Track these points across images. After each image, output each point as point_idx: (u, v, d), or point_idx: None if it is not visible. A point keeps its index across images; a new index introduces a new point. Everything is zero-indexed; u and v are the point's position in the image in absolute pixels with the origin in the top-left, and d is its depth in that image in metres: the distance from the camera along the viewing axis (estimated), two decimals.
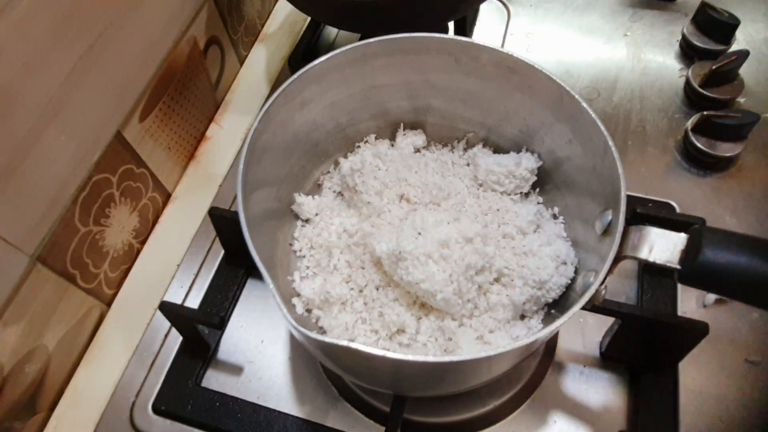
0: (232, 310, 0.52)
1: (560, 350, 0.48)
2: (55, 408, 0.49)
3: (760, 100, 0.60)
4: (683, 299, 0.49)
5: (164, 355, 0.50)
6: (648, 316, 0.42)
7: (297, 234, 0.47)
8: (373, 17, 0.54)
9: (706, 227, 0.32)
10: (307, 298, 0.43)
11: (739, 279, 0.30)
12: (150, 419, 0.47)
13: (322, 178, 0.50)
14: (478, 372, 0.37)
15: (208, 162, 0.63)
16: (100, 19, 0.46)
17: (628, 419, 0.44)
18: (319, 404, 0.47)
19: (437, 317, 0.41)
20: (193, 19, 0.58)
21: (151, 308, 0.52)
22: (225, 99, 0.68)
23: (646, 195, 0.55)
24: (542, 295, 0.41)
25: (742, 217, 0.54)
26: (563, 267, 0.41)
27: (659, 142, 0.59)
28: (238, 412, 0.46)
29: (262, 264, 0.34)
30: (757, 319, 0.48)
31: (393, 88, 0.47)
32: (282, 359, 0.49)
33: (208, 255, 0.55)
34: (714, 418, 0.44)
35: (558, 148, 0.44)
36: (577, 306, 0.31)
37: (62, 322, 0.48)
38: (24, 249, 0.43)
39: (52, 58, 0.42)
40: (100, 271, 0.52)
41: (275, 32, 0.74)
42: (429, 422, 0.45)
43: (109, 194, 0.51)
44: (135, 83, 0.52)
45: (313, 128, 0.46)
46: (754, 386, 0.45)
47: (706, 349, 0.46)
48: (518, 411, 0.45)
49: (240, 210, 0.35)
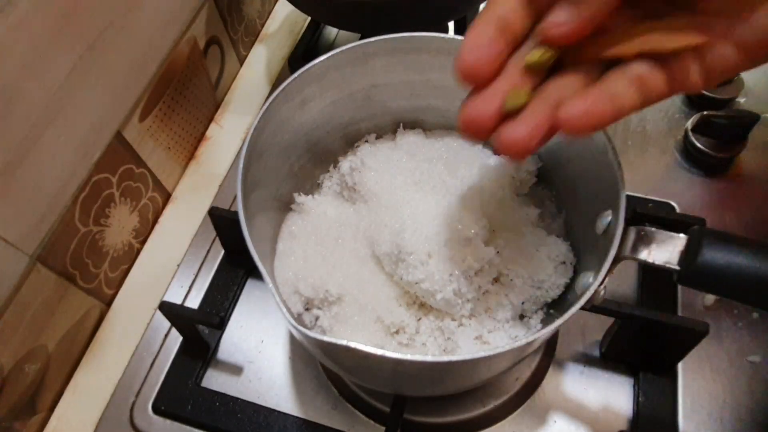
0: (232, 310, 0.52)
1: (560, 350, 0.48)
2: (55, 408, 0.49)
3: (760, 100, 0.60)
4: (683, 299, 0.49)
5: (164, 355, 0.50)
6: (648, 317, 0.42)
7: (297, 234, 0.47)
8: (373, 17, 0.54)
9: (706, 228, 0.32)
10: (306, 298, 0.43)
11: (739, 280, 0.30)
12: (150, 419, 0.47)
13: (322, 177, 0.50)
14: (478, 372, 0.37)
15: (208, 162, 0.63)
16: (100, 19, 0.46)
17: (628, 419, 0.44)
18: (319, 404, 0.47)
19: (437, 317, 0.41)
20: (193, 19, 0.58)
21: (151, 308, 0.52)
22: (225, 99, 0.68)
23: (646, 195, 0.55)
24: (541, 295, 0.41)
25: (742, 217, 0.54)
26: (562, 267, 0.41)
27: (659, 142, 0.59)
28: (238, 412, 0.46)
29: (262, 264, 0.34)
30: (757, 319, 0.48)
31: (393, 88, 0.47)
32: (282, 359, 0.49)
33: (208, 255, 0.55)
34: (714, 418, 0.44)
35: (558, 148, 0.44)
36: (576, 306, 0.31)
37: (62, 322, 0.48)
38: (24, 249, 0.43)
39: (52, 58, 0.42)
40: (100, 271, 0.52)
41: (275, 32, 0.74)
42: (429, 422, 0.45)
43: (109, 194, 0.51)
44: (135, 83, 0.52)
45: (313, 128, 0.46)
46: (754, 386, 0.45)
47: (706, 349, 0.46)
48: (518, 411, 0.45)
49: (240, 210, 0.35)
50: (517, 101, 0.26)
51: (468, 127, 0.26)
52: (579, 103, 0.25)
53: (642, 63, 0.26)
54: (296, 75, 0.41)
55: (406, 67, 0.45)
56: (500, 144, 0.26)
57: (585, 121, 0.25)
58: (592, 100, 0.25)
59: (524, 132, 0.26)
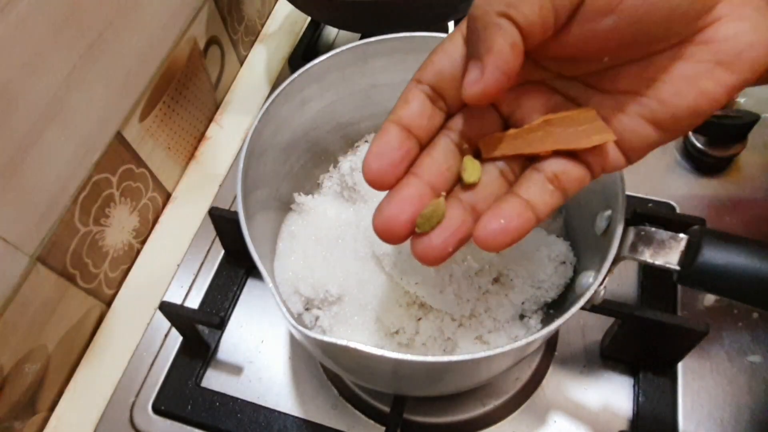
0: (232, 310, 0.52)
1: (560, 350, 0.48)
2: (55, 408, 0.49)
3: (760, 100, 0.60)
4: (683, 299, 0.49)
5: (164, 355, 0.50)
6: (648, 317, 0.42)
7: (297, 234, 0.47)
8: (373, 17, 0.54)
9: (706, 228, 0.32)
10: (306, 298, 0.43)
11: (739, 280, 0.30)
12: (150, 419, 0.47)
13: (322, 177, 0.50)
14: (478, 372, 0.37)
15: (208, 162, 0.63)
16: (100, 19, 0.46)
17: (628, 419, 0.44)
18: (319, 404, 0.47)
19: (436, 317, 0.41)
20: (193, 19, 0.58)
21: (151, 308, 0.52)
22: (225, 99, 0.68)
23: (646, 195, 0.55)
24: (541, 295, 0.41)
25: (741, 217, 0.54)
26: (562, 267, 0.41)
27: None
28: (238, 412, 0.46)
29: (262, 264, 0.34)
30: (757, 319, 0.48)
31: (393, 88, 0.47)
32: (282, 359, 0.49)
33: (208, 255, 0.55)
34: (714, 418, 0.44)
35: None
36: (576, 306, 0.31)
37: (62, 322, 0.48)
38: (24, 249, 0.43)
39: (52, 58, 0.42)
40: (100, 271, 0.52)
41: (275, 32, 0.74)
42: (429, 422, 0.45)
43: (109, 194, 0.51)
44: (135, 83, 0.52)
45: (313, 128, 0.46)
46: (754, 386, 0.45)
47: (706, 349, 0.46)
48: (518, 411, 0.45)
49: (240, 210, 0.35)
50: (432, 222, 0.26)
51: (382, 233, 0.26)
52: (494, 221, 0.25)
53: (558, 159, 0.26)
54: (296, 75, 0.41)
55: (406, 67, 0.45)
56: (415, 253, 0.26)
57: (501, 239, 0.25)
58: (508, 215, 0.25)
59: (439, 243, 0.26)
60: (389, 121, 0.26)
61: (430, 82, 0.27)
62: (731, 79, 0.24)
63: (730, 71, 0.24)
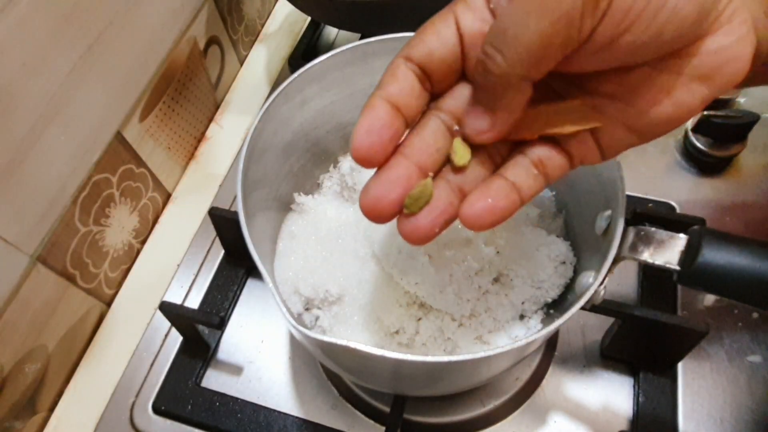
0: (232, 310, 0.52)
1: (560, 350, 0.48)
2: (55, 408, 0.49)
3: (760, 100, 0.60)
4: (683, 299, 0.49)
5: (164, 355, 0.50)
6: (648, 317, 0.42)
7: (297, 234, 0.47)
8: (373, 17, 0.54)
9: (706, 228, 0.32)
10: (306, 298, 0.43)
11: (739, 280, 0.30)
12: (150, 419, 0.47)
13: (322, 177, 0.50)
14: (478, 372, 0.37)
15: (208, 162, 0.63)
16: (100, 19, 0.46)
17: (628, 419, 0.44)
18: (319, 404, 0.47)
19: (436, 317, 0.41)
20: (193, 19, 0.58)
21: (151, 308, 0.52)
22: (225, 99, 0.68)
23: (646, 195, 0.55)
24: (541, 295, 0.41)
25: (741, 217, 0.54)
26: (562, 267, 0.41)
27: (659, 142, 0.59)
28: (238, 412, 0.46)
29: (262, 264, 0.34)
30: (757, 319, 0.48)
31: None
32: (282, 359, 0.49)
33: (208, 255, 0.55)
34: (714, 418, 0.44)
35: None
36: (576, 306, 0.31)
37: (62, 322, 0.48)
38: (24, 249, 0.43)
39: (52, 58, 0.42)
40: (100, 271, 0.52)
41: (275, 32, 0.74)
42: (429, 422, 0.45)
43: (109, 194, 0.51)
44: (135, 83, 0.52)
45: (313, 127, 0.46)
46: (754, 386, 0.45)
47: (706, 349, 0.46)
48: (518, 411, 0.45)
49: (240, 210, 0.35)
50: (420, 203, 0.26)
51: (369, 212, 0.26)
52: (481, 200, 0.26)
53: (542, 146, 0.27)
54: (296, 75, 0.41)
55: None
56: (401, 232, 0.26)
57: (487, 218, 0.25)
58: (495, 195, 0.26)
59: (426, 223, 0.26)
60: (377, 96, 0.26)
61: (420, 61, 0.26)
62: (707, 92, 0.25)
63: (706, 85, 0.24)
